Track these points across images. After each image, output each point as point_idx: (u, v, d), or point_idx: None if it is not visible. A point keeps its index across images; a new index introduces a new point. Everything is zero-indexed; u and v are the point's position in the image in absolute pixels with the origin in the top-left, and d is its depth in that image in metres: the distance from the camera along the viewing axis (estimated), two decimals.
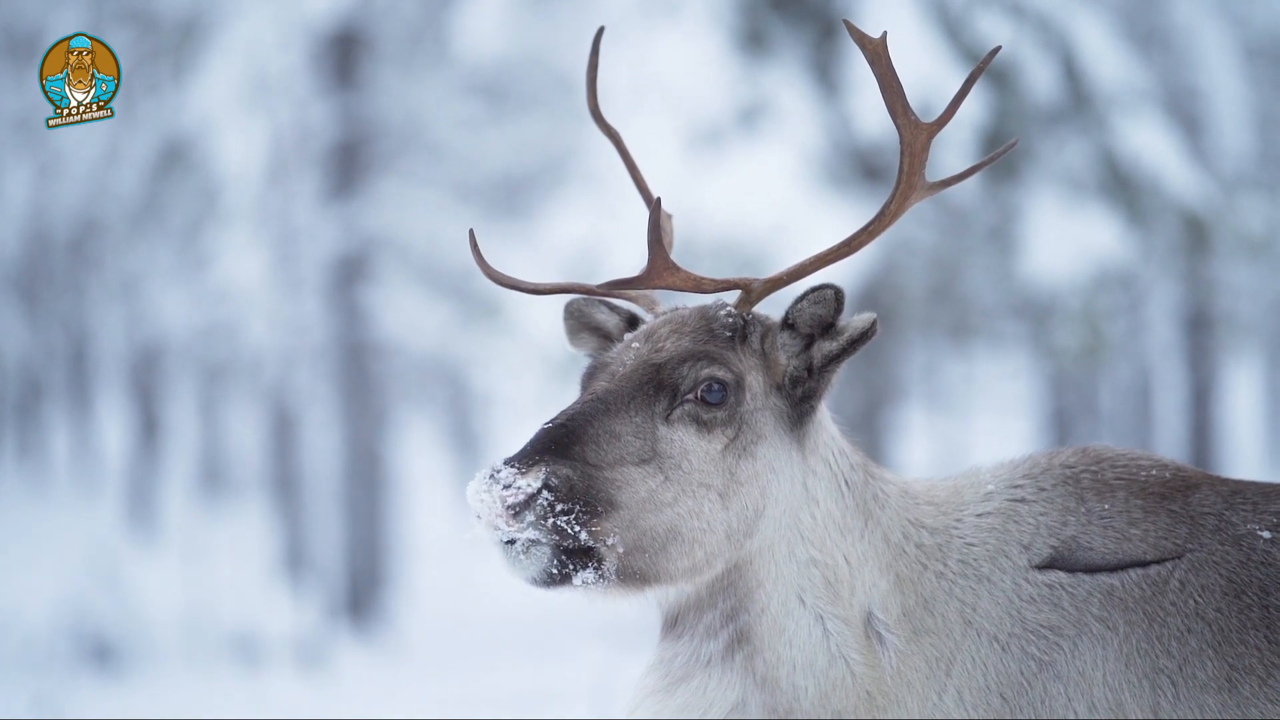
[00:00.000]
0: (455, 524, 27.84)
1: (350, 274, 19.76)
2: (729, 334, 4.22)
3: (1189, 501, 4.20)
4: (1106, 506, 4.21)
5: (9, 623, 18.54)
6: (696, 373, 4.13)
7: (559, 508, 3.98)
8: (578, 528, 3.98)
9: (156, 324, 22.71)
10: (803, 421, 4.20)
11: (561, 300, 4.59)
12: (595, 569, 4.01)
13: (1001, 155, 4.25)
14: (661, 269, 4.19)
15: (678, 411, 4.12)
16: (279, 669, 16.90)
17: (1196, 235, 16.04)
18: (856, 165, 15.08)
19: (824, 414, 4.27)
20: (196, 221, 21.29)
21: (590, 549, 4.00)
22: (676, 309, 4.38)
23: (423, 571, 23.14)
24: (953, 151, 14.31)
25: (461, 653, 17.45)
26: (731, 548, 4.10)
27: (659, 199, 4.14)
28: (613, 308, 4.51)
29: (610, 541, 4.00)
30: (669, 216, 4.74)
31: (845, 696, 4.11)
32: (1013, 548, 4.20)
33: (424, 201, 19.86)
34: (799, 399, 4.20)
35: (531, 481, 3.98)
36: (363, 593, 20.14)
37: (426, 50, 19.99)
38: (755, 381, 4.19)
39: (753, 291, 4.25)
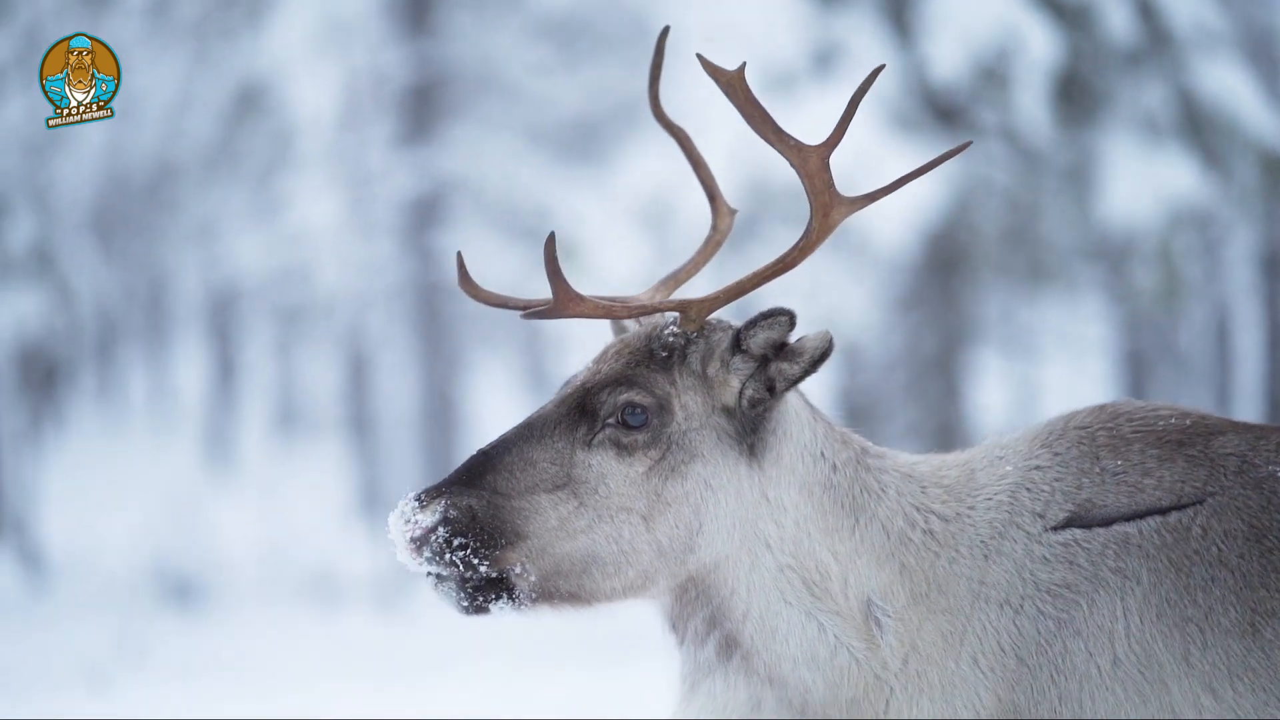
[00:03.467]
0: None
1: (424, 217, 19.83)
2: (665, 354, 4.22)
3: (1209, 446, 4.18)
4: (1120, 462, 4.19)
5: (91, 563, 18.84)
6: (615, 399, 4.14)
7: (456, 542, 4.04)
8: (476, 560, 4.05)
9: (232, 267, 22.85)
10: (757, 434, 4.18)
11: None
12: (509, 597, 4.08)
13: (946, 159, 4.20)
14: (565, 300, 4.18)
15: (599, 436, 4.13)
16: (356, 608, 17.07)
17: (1275, 175, 15.86)
18: (930, 109, 14.98)
19: (791, 420, 4.23)
20: (271, 165, 21.37)
21: (498, 579, 4.07)
22: (637, 328, 4.37)
23: None
24: (1028, 95, 14.22)
25: None
26: (670, 564, 4.12)
27: (552, 233, 4.14)
28: (626, 330, 4.49)
29: (518, 570, 4.06)
30: (733, 212, 4.69)
31: (854, 683, 4.13)
32: (1025, 518, 4.18)
33: (497, 145, 19.86)
34: (754, 417, 4.18)
35: (428, 517, 4.06)
36: None
37: None
38: (691, 402, 4.18)
39: (691, 311, 4.22)
